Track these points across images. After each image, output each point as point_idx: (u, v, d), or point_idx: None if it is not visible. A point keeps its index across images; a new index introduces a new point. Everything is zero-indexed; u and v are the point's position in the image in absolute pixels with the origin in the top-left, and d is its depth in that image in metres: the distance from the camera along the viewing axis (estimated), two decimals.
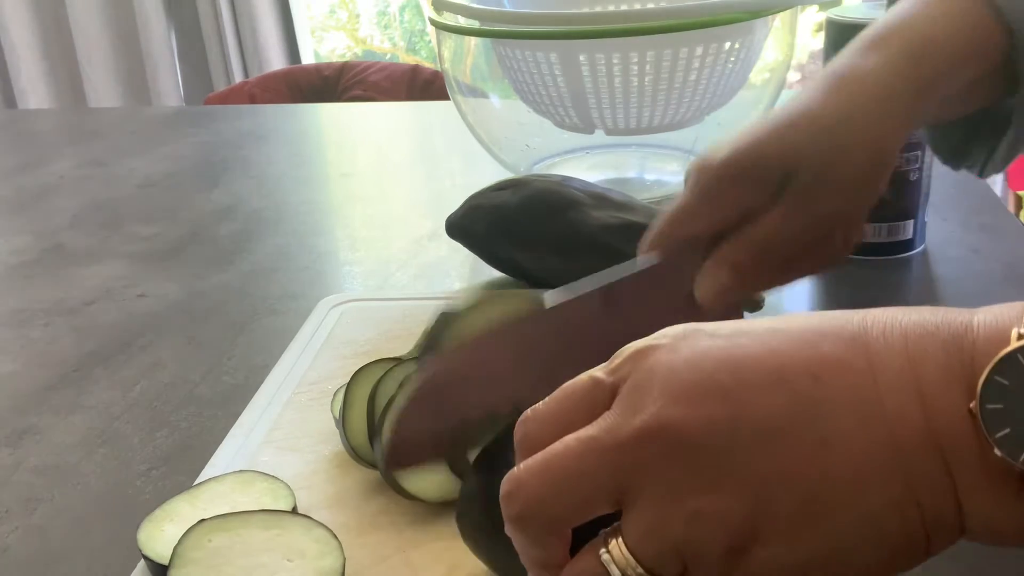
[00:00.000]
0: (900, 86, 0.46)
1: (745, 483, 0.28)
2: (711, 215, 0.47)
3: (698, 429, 0.28)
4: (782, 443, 0.28)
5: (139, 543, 0.46)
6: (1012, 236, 0.80)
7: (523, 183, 0.74)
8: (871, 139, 0.46)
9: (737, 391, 0.29)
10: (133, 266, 0.87)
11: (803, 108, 0.46)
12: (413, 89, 1.96)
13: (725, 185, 0.46)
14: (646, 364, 0.31)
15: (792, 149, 0.45)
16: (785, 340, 0.30)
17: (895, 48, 0.47)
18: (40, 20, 2.67)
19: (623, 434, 0.29)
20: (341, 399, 0.55)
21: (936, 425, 0.27)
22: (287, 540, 0.45)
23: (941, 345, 0.28)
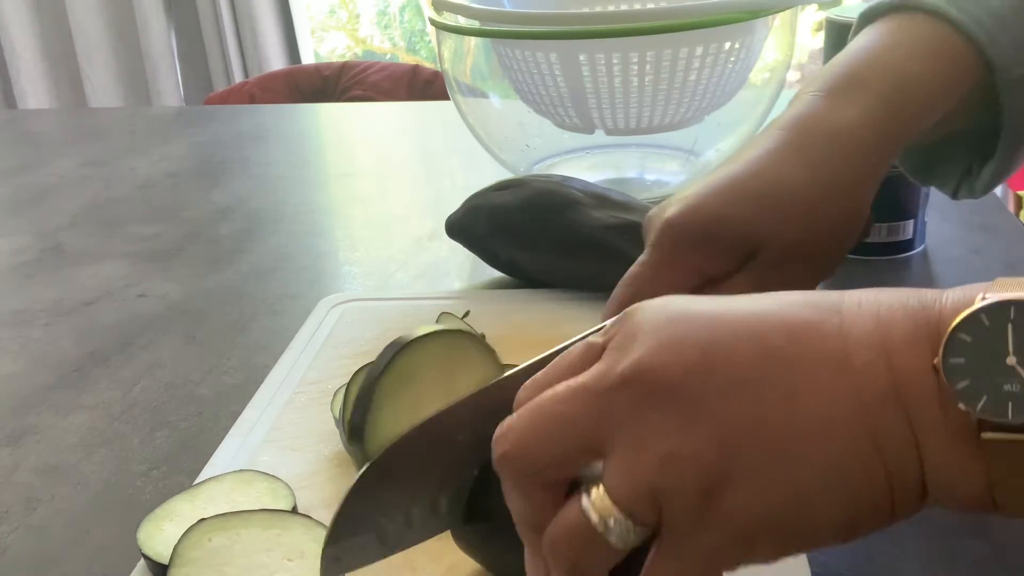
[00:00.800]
0: (875, 139, 0.45)
1: (716, 428, 0.29)
2: (671, 280, 0.46)
3: (674, 375, 0.30)
4: (752, 392, 0.29)
5: (139, 542, 0.46)
6: (1012, 236, 0.80)
7: (523, 183, 0.74)
8: (846, 207, 0.45)
9: (714, 343, 0.30)
10: (133, 266, 0.87)
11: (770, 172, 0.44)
12: (413, 89, 1.96)
13: (686, 250, 0.45)
14: (634, 319, 0.32)
15: (759, 225, 0.44)
16: (764, 306, 0.31)
17: (867, 95, 0.45)
18: (40, 20, 2.67)
19: (607, 380, 0.31)
20: (341, 399, 0.55)
21: (901, 381, 0.29)
22: (287, 540, 0.45)
23: (910, 313, 0.29)
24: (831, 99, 0.45)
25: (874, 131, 0.44)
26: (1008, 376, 0.27)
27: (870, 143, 0.44)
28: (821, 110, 0.45)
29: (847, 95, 0.45)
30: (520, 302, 0.71)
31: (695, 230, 0.45)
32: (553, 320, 0.68)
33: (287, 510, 0.47)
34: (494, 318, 0.67)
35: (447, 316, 0.61)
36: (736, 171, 0.45)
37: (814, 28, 1.74)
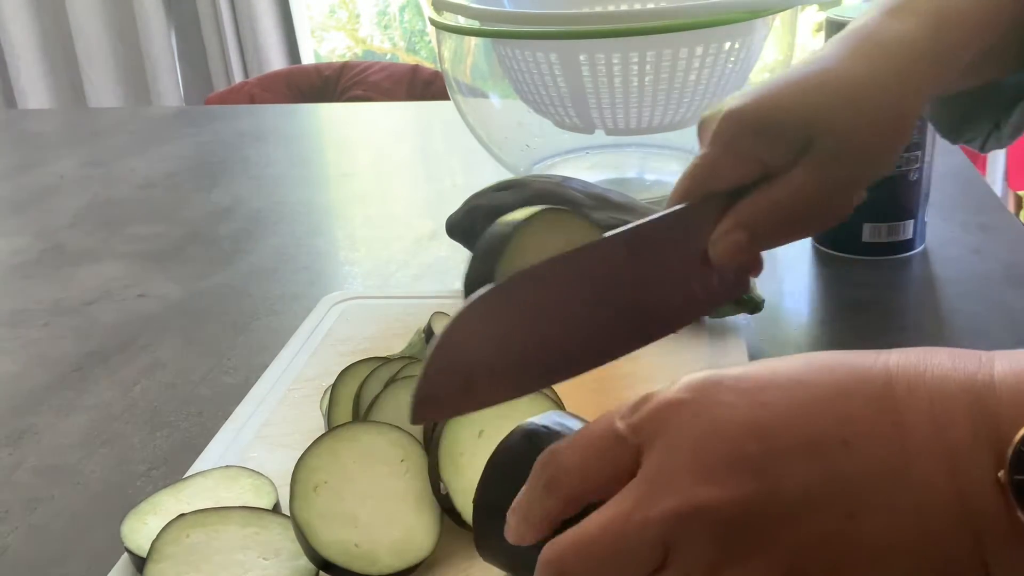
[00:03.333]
0: (924, 54, 0.46)
1: (777, 555, 0.29)
2: (732, 170, 0.46)
3: (732, 508, 0.29)
4: (813, 514, 0.29)
5: (122, 535, 0.46)
6: (1012, 236, 0.80)
7: (523, 183, 0.74)
8: (894, 107, 0.46)
9: (767, 463, 0.29)
10: (133, 266, 0.87)
11: (828, 69, 0.46)
12: (413, 89, 1.96)
13: (746, 140, 0.46)
14: (665, 429, 0.31)
15: (816, 113, 0.45)
16: (812, 396, 0.30)
17: (919, 15, 0.46)
18: (40, 20, 2.67)
19: (657, 513, 0.30)
20: (329, 397, 0.55)
21: (965, 494, 0.28)
22: (265, 538, 0.45)
23: (966, 410, 0.28)
24: (885, 16, 0.47)
25: (920, 43, 0.46)
26: None
27: (916, 53, 0.46)
28: (875, 24, 0.47)
29: (900, 13, 0.47)
30: None
31: (755, 118, 0.46)
32: None
33: (266, 508, 0.47)
34: None
35: (441, 315, 0.61)
36: (794, 70, 0.47)
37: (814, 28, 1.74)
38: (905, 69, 0.46)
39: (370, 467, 0.47)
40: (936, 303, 0.72)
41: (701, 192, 0.46)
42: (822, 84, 0.46)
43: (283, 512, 0.48)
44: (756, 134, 0.45)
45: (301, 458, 0.47)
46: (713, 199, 0.46)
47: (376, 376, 0.54)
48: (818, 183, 0.45)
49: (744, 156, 0.46)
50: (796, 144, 0.45)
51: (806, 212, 0.46)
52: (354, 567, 0.43)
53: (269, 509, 0.48)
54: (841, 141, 0.45)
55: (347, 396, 0.54)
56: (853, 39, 0.47)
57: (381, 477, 0.47)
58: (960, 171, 0.94)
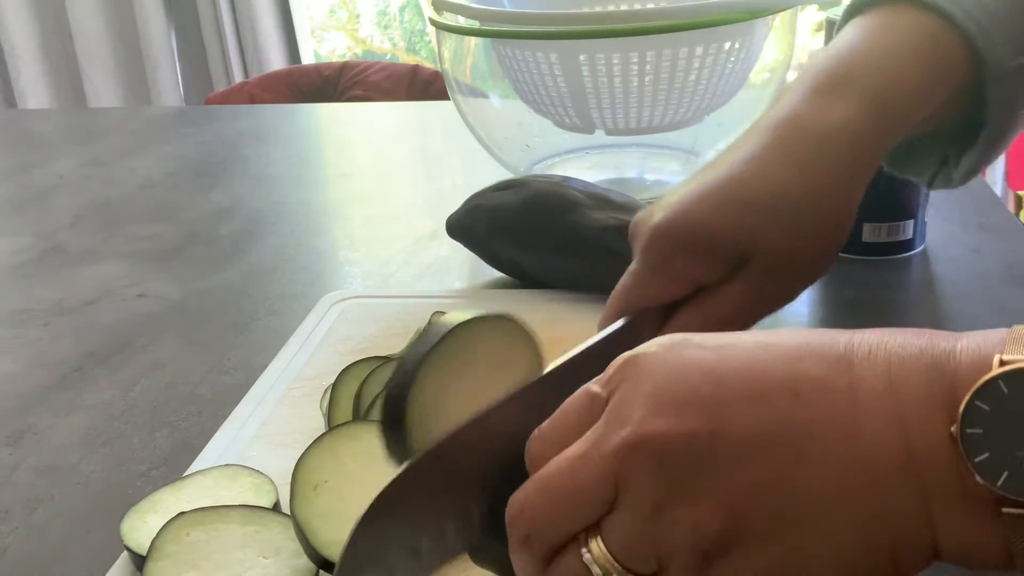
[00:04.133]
0: (865, 143, 0.44)
1: (721, 495, 0.29)
2: (664, 287, 0.45)
3: (678, 442, 0.29)
4: (758, 459, 0.29)
5: (122, 533, 0.46)
6: (1012, 236, 0.80)
7: (523, 183, 0.75)
8: (835, 210, 0.44)
9: (718, 405, 0.29)
10: (133, 266, 0.87)
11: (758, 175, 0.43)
12: (413, 89, 1.96)
13: (676, 258, 0.44)
14: (633, 370, 0.31)
15: (750, 232, 0.43)
16: (770, 355, 0.30)
17: (857, 95, 0.43)
18: (40, 20, 2.67)
19: (609, 446, 0.30)
20: (329, 397, 0.55)
21: (914, 449, 0.28)
22: (264, 537, 0.45)
23: (923, 369, 0.28)
24: (819, 99, 0.44)
25: (863, 132, 0.43)
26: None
27: (859, 144, 0.43)
28: (809, 110, 0.44)
29: (835, 95, 0.44)
30: (520, 302, 0.71)
31: (683, 237, 0.44)
32: (553, 320, 0.68)
33: (267, 507, 0.47)
34: None
35: (441, 315, 0.61)
36: (723, 175, 0.44)
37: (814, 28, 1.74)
38: (845, 166, 0.43)
39: (370, 466, 0.47)
40: (936, 303, 0.72)
41: (635, 308, 0.45)
42: (753, 198, 0.43)
43: (283, 511, 0.48)
44: (687, 254, 0.44)
45: (301, 458, 0.47)
46: (648, 314, 0.45)
47: (376, 376, 0.54)
48: (756, 294, 0.44)
49: (676, 276, 0.45)
50: (730, 262, 0.44)
51: (745, 318, 0.45)
52: None
53: (269, 508, 0.48)
54: (777, 256, 0.43)
55: (347, 396, 0.54)
56: (782, 132, 0.44)
57: (381, 477, 0.47)
58: None
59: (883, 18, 0.46)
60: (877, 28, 0.46)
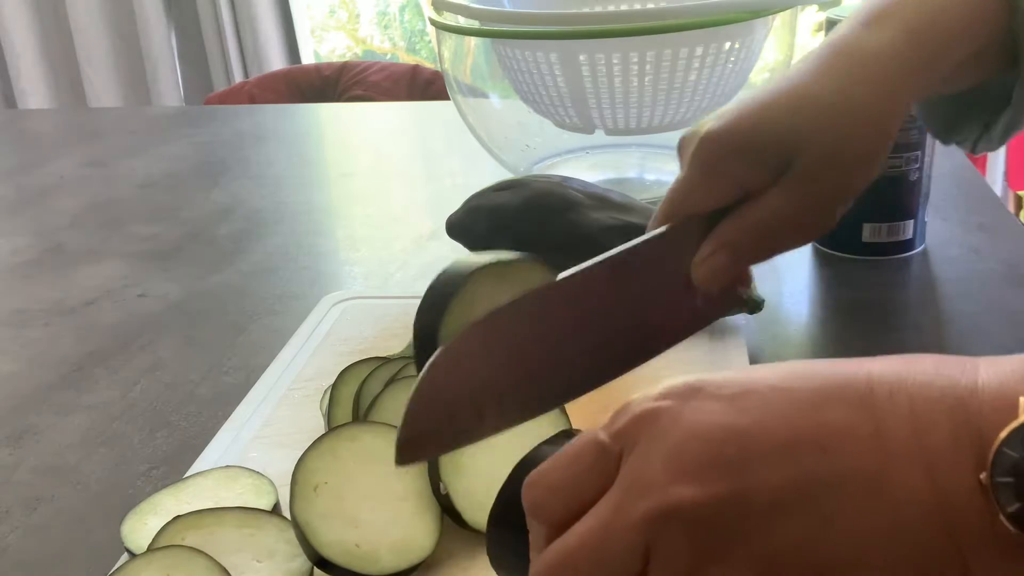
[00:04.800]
0: (902, 64, 0.46)
1: (754, 556, 0.28)
2: (711, 191, 0.46)
3: (707, 507, 0.29)
4: (789, 517, 0.28)
5: (122, 535, 0.46)
6: (1012, 236, 0.80)
7: (523, 183, 0.74)
8: (873, 120, 0.46)
9: (744, 465, 0.29)
10: (133, 266, 0.87)
11: (805, 87, 0.46)
12: (413, 89, 1.96)
13: (725, 161, 0.45)
14: (648, 432, 0.31)
15: (795, 132, 0.45)
16: (791, 404, 0.30)
17: (897, 24, 0.46)
18: (40, 20, 2.67)
19: (634, 516, 0.30)
20: (329, 398, 0.55)
21: (944, 495, 0.27)
22: (259, 540, 0.45)
23: (947, 412, 0.28)
24: (863, 28, 0.47)
25: (899, 55, 0.46)
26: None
27: (895, 65, 0.46)
28: (852, 36, 0.47)
29: (876, 24, 0.47)
30: None
31: (732, 140, 0.45)
32: None
33: (263, 509, 0.47)
34: None
35: None
36: (771, 89, 0.46)
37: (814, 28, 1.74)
38: (883, 82, 0.46)
39: (370, 467, 0.47)
40: (936, 303, 0.72)
41: (681, 214, 0.46)
42: (799, 103, 0.45)
43: (283, 512, 0.48)
44: (735, 156, 0.45)
45: (301, 458, 0.47)
46: (693, 221, 0.45)
47: (376, 376, 0.54)
48: (799, 201, 0.45)
49: (723, 178, 0.45)
50: (776, 165, 0.45)
51: (788, 229, 0.46)
52: (355, 567, 0.43)
53: (268, 510, 0.48)
54: (821, 160, 0.45)
55: (347, 396, 0.54)
56: (829, 53, 0.47)
57: (381, 477, 0.47)
58: (960, 171, 0.94)
59: None
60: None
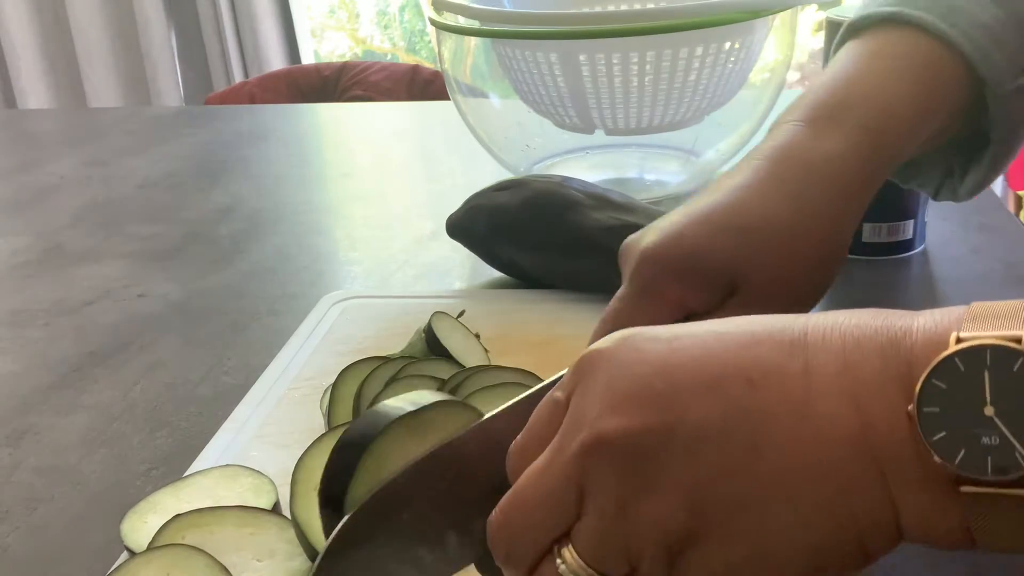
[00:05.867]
0: (861, 169, 0.43)
1: (680, 488, 0.29)
2: (653, 314, 0.44)
3: (633, 437, 0.29)
4: (714, 449, 0.29)
5: (122, 534, 0.46)
6: (1012, 236, 0.80)
7: (523, 183, 0.74)
8: (826, 239, 0.43)
9: (671, 397, 0.29)
10: (133, 266, 0.87)
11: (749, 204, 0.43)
12: (413, 89, 1.96)
13: (665, 283, 0.43)
14: (587, 369, 0.31)
15: (738, 256, 0.43)
16: (723, 343, 0.30)
17: (855, 123, 0.43)
18: (40, 20, 2.67)
19: (569, 451, 0.30)
20: (329, 397, 0.55)
21: (871, 428, 0.27)
22: (259, 539, 0.45)
23: (878, 349, 0.28)
24: (813, 129, 0.44)
25: (857, 161, 0.43)
26: (986, 427, 0.26)
27: (853, 174, 0.43)
28: (803, 140, 0.44)
29: (829, 124, 0.44)
30: (520, 302, 0.71)
31: (674, 262, 0.43)
32: (553, 320, 0.68)
33: (263, 508, 0.47)
34: (494, 318, 0.67)
35: (441, 315, 0.61)
36: (716, 202, 0.44)
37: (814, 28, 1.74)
38: (836, 196, 0.43)
39: None
40: (936, 303, 0.71)
41: None
42: (744, 223, 0.43)
43: (283, 512, 0.48)
44: (674, 279, 0.43)
45: (301, 458, 0.47)
46: None
47: (376, 376, 0.54)
48: None
49: (665, 301, 0.43)
50: (719, 290, 0.43)
51: None
52: None
53: (268, 509, 0.48)
54: (768, 285, 0.43)
55: (347, 396, 0.54)
56: (776, 163, 0.43)
57: None
58: None
59: (878, 43, 0.46)
60: (871, 54, 0.46)
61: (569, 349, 0.64)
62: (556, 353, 0.64)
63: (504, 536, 0.32)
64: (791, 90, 0.96)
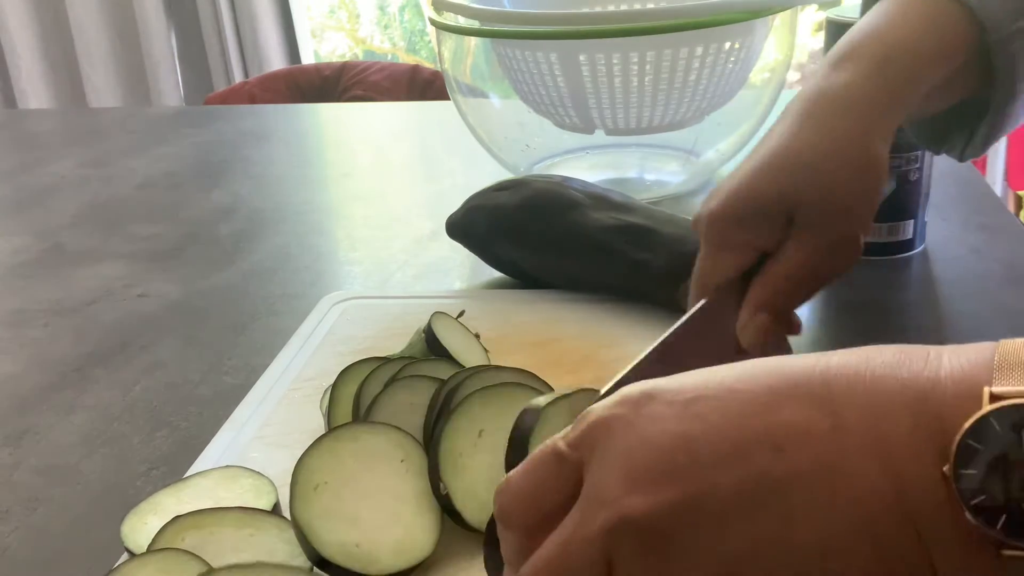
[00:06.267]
0: (873, 95, 0.48)
1: (712, 562, 0.28)
2: (729, 263, 0.50)
3: (658, 517, 0.28)
4: (745, 522, 0.28)
5: (122, 535, 0.46)
6: (1012, 236, 0.80)
7: (523, 183, 0.74)
8: (856, 163, 0.48)
9: (696, 471, 0.28)
10: (133, 266, 0.87)
11: (785, 146, 0.49)
12: (413, 89, 1.96)
13: (732, 234, 0.49)
14: (603, 441, 0.30)
15: (785, 191, 0.48)
16: (744, 406, 0.29)
17: (863, 60, 0.49)
18: (40, 20, 2.67)
19: (593, 529, 0.29)
20: (329, 398, 0.55)
21: (906, 491, 0.27)
22: (259, 540, 0.45)
23: (908, 405, 0.27)
24: (831, 69, 0.50)
25: (871, 86, 0.49)
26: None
27: (867, 99, 0.49)
28: (825, 79, 0.50)
29: (845, 62, 0.50)
30: (520, 302, 0.71)
31: (733, 214, 0.49)
32: (553, 320, 0.68)
33: (263, 509, 0.47)
34: (494, 318, 0.67)
35: (441, 315, 0.61)
36: (761, 152, 0.50)
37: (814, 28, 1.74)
38: (858, 122, 0.48)
39: (370, 467, 0.47)
40: (936, 303, 0.72)
41: (710, 288, 0.50)
42: (784, 163, 0.49)
43: (283, 512, 0.48)
44: (739, 228, 0.49)
45: (301, 458, 0.47)
46: (724, 290, 0.49)
47: (376, 376, 0.54)
48: (813, 249, 0.48)
49: (738, 247, 0.50)
50: (779, 222, 0.49)
51: (814, 275, 0.49)
52: (355, 567, 0.43)
53: (268, 510, 0.48)
54: (819, 208, 0.48)
55: (347, 396, 0.54)
56: (803, 104, 0.50)
57: (381, 477, 0.47)
58: (960, 171, 0.94)
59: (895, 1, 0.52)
60: (885, 10, 0.51)
61: (569, 349, 0.64)
62: (555, 353, 0.64)
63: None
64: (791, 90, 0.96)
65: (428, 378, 0.54)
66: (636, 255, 0.67)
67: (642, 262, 0.67)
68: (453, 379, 0.53)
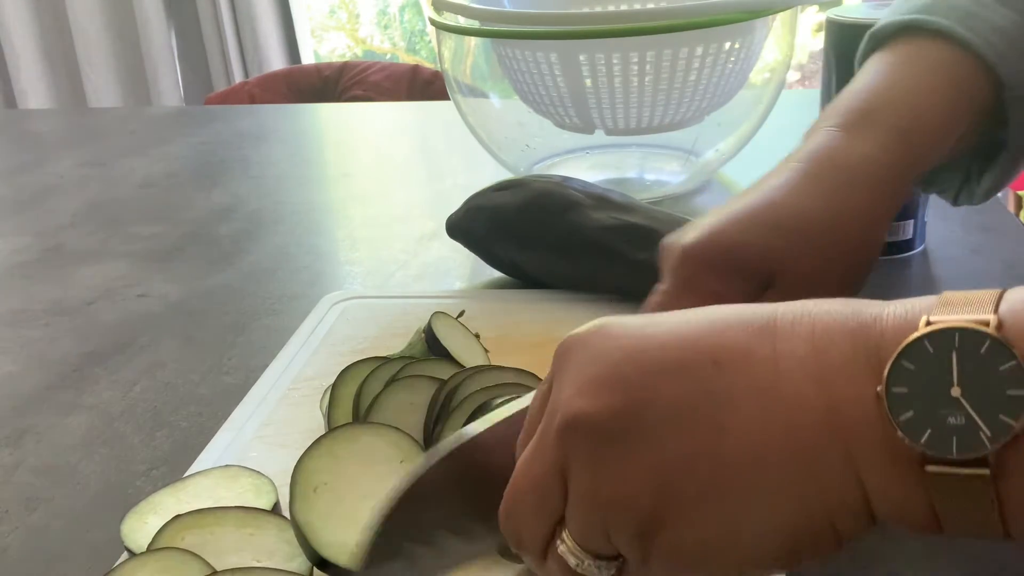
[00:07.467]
0: (892, 170, 0.45)
1: (648, 469, 0.29)
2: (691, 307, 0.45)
3: (601, 421, 0.30)
4: (681, 430, 0.29)
5: (122, 535, 0.46)
6: (1012, 236, 0.80)
7: (523, 183, 0.74)
8: (856, 237, 0.45)
9: (639, 381, 0.30)
10: (133, 266, 0.87)
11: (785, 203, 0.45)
12: (413, 89, 1.96)
13: (702, 278, 0.45)
14: (563, 360, 0.32)
15: (772, 252, 0.44)
16: (692, 328, 0.31)
17: (884, 129, 0.45)
18: (40, 20, 2.67)
19: (550, 436, 0.31)
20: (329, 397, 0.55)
21: (838, 410, 0.28)
22: (259, 540, 0.45)
23: (848, 334, 0.28)
24: (846, 133, 0.46)
25: (888, 164, 0.45)
26: (952, 408, 0.26)
27: (885, 174, 0.45)
28: (837, 143, 0.46)
29: (861, 129, 0.46)
30: (520, 302, 0.71)
31: (713, 257, 0.45)
32: (552, 320, 0.68)
33: (263, 509, 0.47)
34: (494, 318, 0.67)
35: (441, 315, 0.61)
36: (754, 201, 0.46)
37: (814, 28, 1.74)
38: (868, 196, 0.45)
39: (370, 468, 0.47)
40: None
41: None
42: (776, 221, 0.45)
43: (283, 512, 0.48)
44: (713, 274, 0.45)
45: (301, 459, 0.47)
46: None
47: (376, 376, 0.54)
48: None
49: (704, 295, 0.44)
50: (755, 282, 0.45)
51: None
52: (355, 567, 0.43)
53: (268, 510, 0.48)
54: (802, 280, 0.44)
55: (347, 396, 0.54)
56: (811, 164, 0.45)
57: (381, 477, 0.47)
58: None
59: (904, 52, 0.48)
60: (899, 62, 0.48)
61: None
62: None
63: (511, 526, 0.33)
64: (791, 90, 0.96)
65: (428, 378, 0.54)
66: (636, 255, 0.67)
67: (642, 262, 0.67)
68: (453, 379, 0.53)
